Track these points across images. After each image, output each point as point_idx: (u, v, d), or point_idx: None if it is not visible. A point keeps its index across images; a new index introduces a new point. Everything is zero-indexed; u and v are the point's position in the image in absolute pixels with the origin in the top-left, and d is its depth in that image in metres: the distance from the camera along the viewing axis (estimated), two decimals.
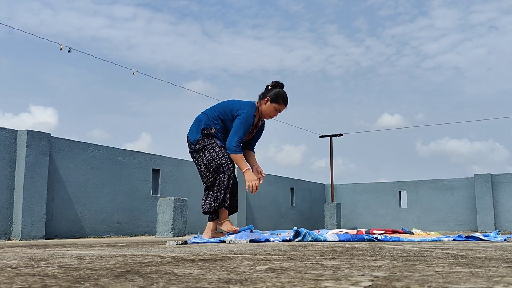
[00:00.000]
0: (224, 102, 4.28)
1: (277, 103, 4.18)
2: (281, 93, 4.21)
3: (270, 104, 4.16)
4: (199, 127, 4.16)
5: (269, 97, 4.16)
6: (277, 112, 4.25)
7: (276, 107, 4.19)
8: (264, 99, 4.16)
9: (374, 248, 2.31)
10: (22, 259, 1.74)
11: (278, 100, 4.17)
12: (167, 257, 1.79)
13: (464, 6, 17.63)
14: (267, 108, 4.18)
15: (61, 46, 7.31)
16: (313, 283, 0.96)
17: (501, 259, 1.58)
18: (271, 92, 4.19)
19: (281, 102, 4.20)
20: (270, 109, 4.18)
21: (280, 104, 4.19)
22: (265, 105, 4.17)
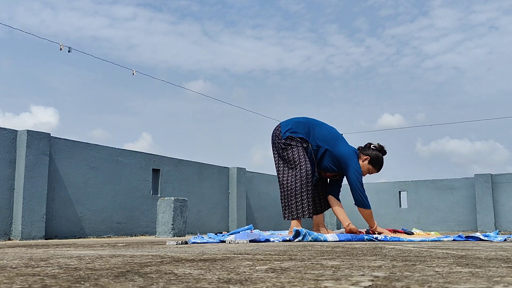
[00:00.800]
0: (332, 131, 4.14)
1: (374, 166, 4.13)
2: (381, 159, 4.14)
3: (367, 164, 4.10)
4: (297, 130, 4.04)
5: (370, 157, 4.09)
6: (366, 174, 4.19)
7: (371, 169, 4.14)
8: (364, 155, 4.09)
9: (374, 248, 2.31)
10: (22, 259, 1.74)
11: (376, 165, 4.13)
12: (167, 257, 1.79)
13: (464, 6, 17.62)
14: (363, 166, 4.11)
15: (61, 46, 7.31)
16: (313, 283, 0.96)
17: (501, 259, 1.58)
18: (373, 153, 4.10)
19: (377, 167, 4.15)
20: (365, 168, 4.12)
21: (375, 168, 4.15)
22: (362, 162, 4.09)
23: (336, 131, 4.19)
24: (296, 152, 3.96)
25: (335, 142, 4.06)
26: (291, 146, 3.99)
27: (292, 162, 3.97)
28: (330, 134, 4.09)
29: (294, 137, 4.01)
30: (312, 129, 4.08)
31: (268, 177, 10.15)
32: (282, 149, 4.03)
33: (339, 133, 4.20)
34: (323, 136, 4.06)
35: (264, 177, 10.04)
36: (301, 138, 4.03)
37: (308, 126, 4.09)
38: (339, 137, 4.12)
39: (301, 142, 4.01)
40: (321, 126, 4.15)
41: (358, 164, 4.00)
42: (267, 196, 10.02)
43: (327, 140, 4.05)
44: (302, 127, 4.07)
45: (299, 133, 4.04)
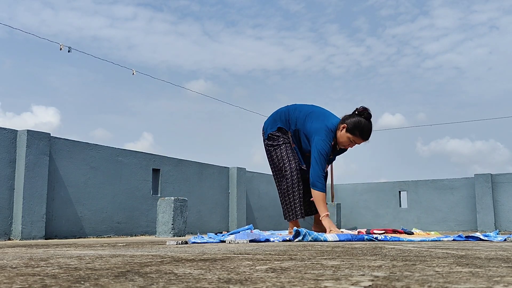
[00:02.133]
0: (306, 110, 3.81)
1: (353, 134, 3.62)
2: (361, 124, 3.61)
3: (345, 133, 3.63)
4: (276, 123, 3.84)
5: (346, 125, 3.62)
6: (352, 144, 3.69)
7: (351, 138, 3.63)
8: (342, 124, 3.64)
9: (374, 248, 2.31)
10: (22, 259, 1.74)
11: (355, 132, 3.61)
12: (167, 257, 1.79)
13: (465, 5, 17.63)
14: (341, 136, 3.66)
15: (61, 46, 7.31)
16: (313, 283, 0.96)
17: (501, 259, 1.58)
18: (351, 119, 3.63)
19: (357, 135, 3.61)
20: (344, 139, 3.66)
21: (355, 136, 3.62)
22: (340, 132, 3.65)
23: (311, 108, 3.83)
24: (279, 152, 3.80)
25: (305, 119, 3.73)
26: (274, 147, 3.86)
27: (277, 164, 3.84)
28: (302, 112, 3.78)
29: (273, 134, 3.85)
30: (288, 115, 3.84)
31: (268, 177, 10.15)
32: (268, 151, 3.92)
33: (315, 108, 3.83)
34: (296, 117, 3.79)
35: (264, 177, 10.04)
36: (279, 128, 3.84)
37: (285, 113, 3.87)
38: (311, 112, 3.76)
39: (282, 136, 3.83)
40: (298, 108, 3.86)
41: (323, 139, 3.59)
42: (267, 196, 10.02)
43: (299, 120, 3.77)
44: (278, 116, 3.89)
45: (277, 124, 3.86)
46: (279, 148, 3.82)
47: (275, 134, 3.87)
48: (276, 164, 3.85)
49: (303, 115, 3.78)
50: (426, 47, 18.20)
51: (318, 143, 3.61)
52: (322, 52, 18.59)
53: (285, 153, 3.78)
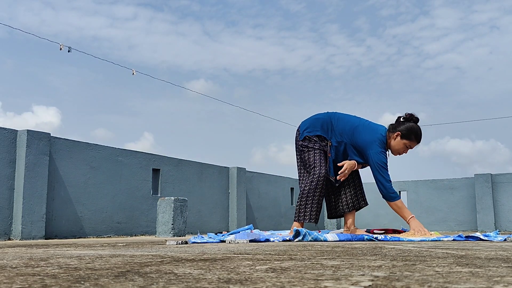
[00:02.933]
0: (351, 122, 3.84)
1: (409, 139, 3.72)
2: (415, 128, 3.73)
3: (401, 140, 3.72)
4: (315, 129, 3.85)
5: (400, 132, 3.71)
6: (407, 150, 3.79)
7: (407, 144, 3.73)
8: (394, 133, 3.72)
9: (374, 248, 2.31)
10: (22, 259, 1.74)
11: (410, 137, 3.71)
12: (167, 257, 1.79)
13: (465, 5, 17.63)
14: (397, 144, 3.73)
15: (61, 46, 7.31)
16: (313, 283, 0.96)
17: (501, 259, 1.58)
18: (402, 126, 3.72)
19: (413, 139, 3.73)
20: (400, 146, 3.74)
21: (411, 141, 3.73)
22: (394, 140, 3.73)
23: (356, 120, 3.90)
24: (313, 155, 3.82)
25: (353, 133, 3.80)
26: (308, 148, 3.86)
27: (308, 165, 3.86)
28: (348, 125, 3.84)
29: (311, 137, 3.86)
30: (331, 125, 3.87)
31: (268, 177, 10.15)
32: (300, 151, 3.92)
33: (360, 121, 3.89)
34: (342, 130, 3.84)
35: (264, 177, 10.04)
36: (319, 136, 3.86)
37: (327, 122, 3.89)
38: (358, 126, 3.82)
39: (319, 142, 3.85)
40: (341, 119, 3.90)
41: (379, 151, 3.69)
42: (267, 196, 10.02)
43: (345, 133, 3.82)
44: (320, 124, 3.89)
45: (317, 131, 3.87)
46: (314, 152, 3.83)
47: (313, 138, 3.88)
48: (307, 166, 3.87)
49: (349, 128, 3.82)
50: (427, 47, 18.21)
51: (375, 157, 3.68)
52: (322, 52, 18.60)
53: (318, 158, 3.80)
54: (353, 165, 3.88)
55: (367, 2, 18.09)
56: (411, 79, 18.81)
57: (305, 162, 3.89)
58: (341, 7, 18.64)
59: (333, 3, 18.43)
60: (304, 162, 3.89)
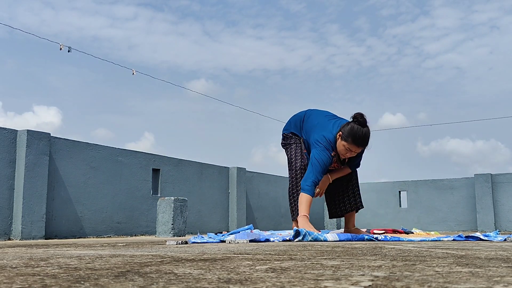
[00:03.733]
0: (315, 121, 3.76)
1: (347, 142, 3.49)
2: (354, 130, 3.48)
3: (341, 141, 3.53)
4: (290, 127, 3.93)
5: (342, 133, 3.51)
6: (350, 152, 3.55)
7: (346, 146, 3.50)
8: (338, 133, 3.54)
9: (374, 248, 2.31)
10: (22, 259, 1.74)
11: (348, 139, 3.49)
12: (167, 257, 1.79)
13: (465, 5, 17.63)
14: (338, 145, 3.54)
15: (61, 46, 7.31)
16: (313, 283, 0.96)
17: (501, 259, 1.58)
18: (346, 127, 3.52)
19: (351, 142, 3.48)
20: (340, 147, 3.54)
21: (349, 143, 3.49)
22: (338, 141, 3.56)
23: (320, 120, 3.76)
24: (289, 151, 3.89)
25: (310, 131, 3.72)
26: (285, 146, 3.94)
27: (288, 162, 3.92)
28: (310, 124, 3.76)
29: (287, 135, 3.94)
30: (301, 122, 3.86)
31: (268, 177, 10.15)
32: (284, 149, 4.02)
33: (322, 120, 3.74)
34: (306, 128, 3.80)
35: (264, 177, 10.04)
36: (293, 133, 3.92)
37: (300, 119, 3.89)
38: (316, 125, 3.71)
39: (294, 137, 3.90)
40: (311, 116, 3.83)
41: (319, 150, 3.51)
42: (267, 196, 10.02)
43: (307, 130, 3.77)
44: (293, 121, 3.94)
45: (291, 128, 3.96)
46: (290, 147, 3.91)
47: (288, 135, 3.98)
48: (288, 164, 3.95)
49: (310, 126, 3.78)
50: (427, 47, 18.21)
51: (316, 153, 3.57)
52: (322, 52, 18.60)
53: (294, 152, 3.86)
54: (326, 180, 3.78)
55: (367, 2, 18.10)
56: (411, 79, 18.82)
57: (287, 160, 3.96)
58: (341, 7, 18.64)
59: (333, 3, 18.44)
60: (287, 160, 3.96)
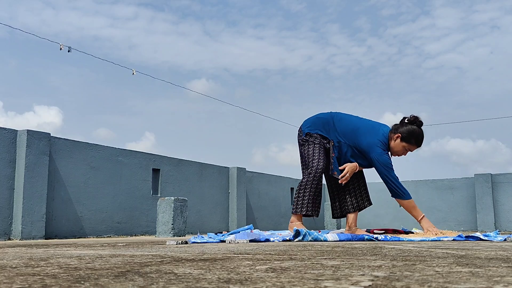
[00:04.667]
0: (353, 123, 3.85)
1: (409, 143, 3.71)
2: (416, 132, 3.71)
3: (400, 142, 3.72)
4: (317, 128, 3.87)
5: (401, 134, 3.71)
6: (406, 152, 3.80)
7: (406, 146, 3.73)
8: (395, 134, 3.72)
9: (374, 248, 2.31)
10: (22, 259, 1.74)
11: (411, 140, 3.71)
12: (167, 257, 1.79)
13: (466, 5, 17.63)
14: (396, 145, 3.74)
15: (61, 46, 7.31)
16: (313, 283, 0.96)
17: (501, 259, 1.58)
18: (404, 128, 3.71)
19: (413, 143, 3.73)
20: (399, 148, 3.75)
21: (411, 144, 3.73)
22: (394, 142, 3.73)
23: (358, 121, 3.90)
24: (312, 149, 3.84)
25: (355, 135, 3.80)
26: (308, 142, 3.89)
27: (306, 158, 3.87)
28: (350, 127, 3.85)
29: (312, 135, 3.89)
30: (333, 125, 3.89)
31: (268, 177, 10.15)
32: (301, 145, 3.95)
33: (362, 122, 3.90)
34: (343, 131, 3.85)
35: (264, 177, 10.04)
36: (320, 135, 3.89)
37: (328, 121, 3.91)
38: (360, 127, 3.82)
39: (320, 139, 3.87)
40: (343, 119, 3.92)
41: (381, 153, 3.69)
42: (267, 196, 10.02)
43: (347, 134, 3.83)
44: (321, 123, 3.92)
45: (318, 130, 3.90)
46: (314, 145, 3.85)
47: (314, 135, 3.90)
48: (305, 159, 3.89)
49: (350, 129, 3.83)
50: (427, 47, 18.21)
51: (380, 158, 3.70)
52: (323, 52, 18.60)
53: (318, 151, 3.82)
54: (354, 167, 3.89)
55: (368, 2, 18.10)
56: (411, 79, 18.82)
57: (304, 155, 3.91)
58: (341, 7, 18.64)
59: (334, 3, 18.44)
60: (303, 155, 3.91)
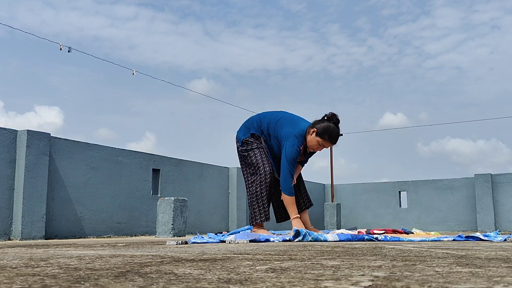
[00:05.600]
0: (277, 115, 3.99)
1: (323, 138, 3.82)
2: (331, 128, 3.82)
3: (315, 137, 3.83)
4: (249, 130, 4.00)
5: (316, 129, 3.81)
6: (321, 147, 3.90)
7: (321, 142, 3.84)
8: (312, 129, 3.83)
9: (374, 248, 2.31)
10: (22, 259, 1.74)
11: (324, 136, 3.82)
12: (167, 257, 1.79)
13: (466, 5, 17.63)
14: (311, 140, 3.85)
15: (61, 46, 7.31)
16: (313, 283, 0.96)
17: (501, 259, 1.58)
18: (321, 124, 3.83)
19: (327, 139, 3.84)
20: (314, 142, 3.85)
21: (325, 140, 3.84)
22: (310, 136, 3.84)
23: (281, 113, 4.01)
24: (254, 155, 3.92)
25: (276, 124, 3.91)
26: (248, 151, 3.97)
27: (252, 167, 3.95)
28: (273, 118, 3.96)
29: (247, 140, 3.98)
30: (260, 121, 4.00)
31: None
32: (243, 157, 4.02)
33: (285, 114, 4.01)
34: (268, 123, 3.95)
35: None
36: (253, 134, 3.99)
37: (256, 120, 4.02)
38: (281, 118, 3.93)
39: (256, 142, 3.96)
40: (268, 114, 4.03)
41: (293, 145, 3.77)
42: None
43: (271, 125, 3.93)
44: (250, 123, 4.04)
45: (250, 131, 4.00)
46: (253, 152, 3.94)
47: (249, 139, 4.00)
48: (251, 168, 3.96)
49: (274, 120, 3.95)
50: (428, 47, 18.21)
51: (287, 149, 3.80)
52: (323, 52, 18.60)
53: (260, 157, 3.91)
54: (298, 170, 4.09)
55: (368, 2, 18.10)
56: (412, 79, 18.82)
57: (249, 165, 3.98)
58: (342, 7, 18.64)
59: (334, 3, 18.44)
60: (249, 165, 3.98)
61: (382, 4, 18.09)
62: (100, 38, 16.94)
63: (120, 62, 12.67)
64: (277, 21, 18.70)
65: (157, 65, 17.61)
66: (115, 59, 14.12)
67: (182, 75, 17.87)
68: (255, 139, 3.97)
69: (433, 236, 3.91)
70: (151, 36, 17.96)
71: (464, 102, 18.41)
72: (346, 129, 18.89)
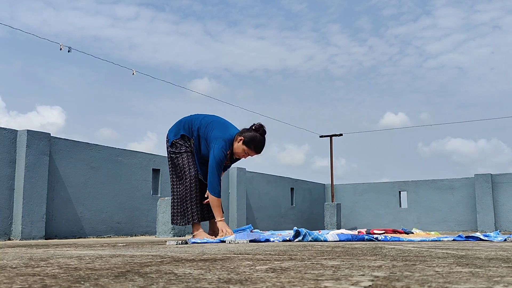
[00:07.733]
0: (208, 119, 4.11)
1: (248, 147, 3.98)
2: (257, 139, 3.99)
3: (242, 145, 3.97)
4: (179, 131, 4.10)
5: (243, 138, 3.96)
6: (246, 155, 4.05)
7: (246, 150, 3.99)
8: (239, 137, 3.97)
9: (374, 248, 2.31)
10: (22, 259, 1.74)
11: (250, 145, 3.97)
12: (167, 257, 1.79)
13: (467, 5, 17.61)
14: (238, 147, 3.99)
15: (61, 46, 7.31)
16: (313, 283, 0.96)
17: (501, 259, 1.58)
18: (248, 133, 3.98)
19: (252, 149, 3.99)
20: (240, 150, 4.00)
21: (250, 149, 3.99)
22: (237, 143, 3.98)
23: (213, 117, 4.13)
24: (181, 160, 4.03)
25: (206, 127, 4.02)
26: (176, 154, 4.07)
27: (178, 170, 4.06)
28: (205, 120, 4.06)
29: (177, 141, 4.07)
30: (191, 123, 4.09)
31: (268, 177, 10.15)
32: (171, 158, 4.12)
33: (217, 118, 4.13)
34: (199, 125, 4.05)
35: (264, 177, 10.04)
36: (182, 136, 4.07)
37: (188, 121, 4.10)
38: (213, 121, 4.05)
39: (184, 144, 4.05)
40: (201, 116, 4.13)
41: (221, 148, 3.90)
42: (267, 196, 10.02)
43: (201, 127, 4.04)
44: (182, 124, 4.11)
45: (180, 132, 4.08)
46: (181, 156, 4.07)
47: (178, 142, 4.10)
48: (178, 171, 4.09)
49: (205, 123, 4.07)
50: (429, 47, 18.20)
51: (216, 151, 3.93)
52: (324, 52, 18.60)
53: (187, 161, 4.04)
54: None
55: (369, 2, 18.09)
56: (413, 79, 18.81)
57: (176, 167, 4.10)
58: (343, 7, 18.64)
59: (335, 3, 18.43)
60: (175, 167, 4.10)
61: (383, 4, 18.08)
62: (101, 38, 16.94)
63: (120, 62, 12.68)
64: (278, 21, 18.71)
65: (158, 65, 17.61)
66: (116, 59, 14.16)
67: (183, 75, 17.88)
68: (185, 142, 4.09)
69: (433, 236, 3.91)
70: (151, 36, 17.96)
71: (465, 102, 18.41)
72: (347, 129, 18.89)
